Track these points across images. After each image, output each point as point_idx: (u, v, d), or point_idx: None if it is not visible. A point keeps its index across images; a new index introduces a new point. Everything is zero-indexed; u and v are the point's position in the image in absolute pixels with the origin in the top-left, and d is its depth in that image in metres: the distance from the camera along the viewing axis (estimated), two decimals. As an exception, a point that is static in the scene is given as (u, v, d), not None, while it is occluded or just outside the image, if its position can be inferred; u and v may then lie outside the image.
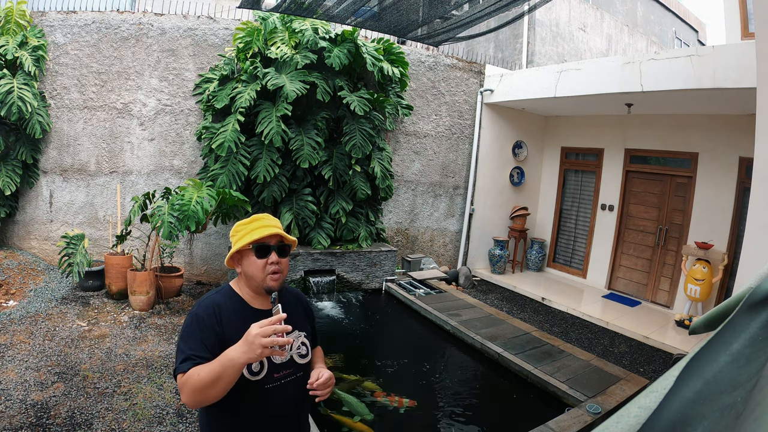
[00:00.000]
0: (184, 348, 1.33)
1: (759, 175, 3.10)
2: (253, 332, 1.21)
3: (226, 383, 1.24)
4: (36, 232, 5.60)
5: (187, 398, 1.26)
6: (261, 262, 1.43)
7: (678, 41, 14.23)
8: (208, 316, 1.38)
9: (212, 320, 1.38)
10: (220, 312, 1.41)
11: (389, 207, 6.99)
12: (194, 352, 1.30)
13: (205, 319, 1.38)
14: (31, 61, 5.06)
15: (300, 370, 1.51)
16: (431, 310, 5.21)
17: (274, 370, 1.43)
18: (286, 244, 1.49)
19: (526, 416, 3.43)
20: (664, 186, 6.41)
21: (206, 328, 1.36)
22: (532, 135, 7.98)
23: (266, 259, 1.43)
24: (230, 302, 1.46)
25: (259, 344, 1.19)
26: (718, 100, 4.91)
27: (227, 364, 1.22)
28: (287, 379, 1.47)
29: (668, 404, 0.46)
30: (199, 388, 1.23)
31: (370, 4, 4.24)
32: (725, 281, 5.43)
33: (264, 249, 1.44)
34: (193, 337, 1.35)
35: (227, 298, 1.47)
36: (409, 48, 6.88)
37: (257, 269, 1.43)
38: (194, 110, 5.84)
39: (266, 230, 1.44)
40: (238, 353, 1.21)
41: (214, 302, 1.44)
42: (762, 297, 0.49)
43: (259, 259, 1.43)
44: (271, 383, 1.43)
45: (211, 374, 1.22)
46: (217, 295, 1.48)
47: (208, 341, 1.34)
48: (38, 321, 4.25)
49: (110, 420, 2.92)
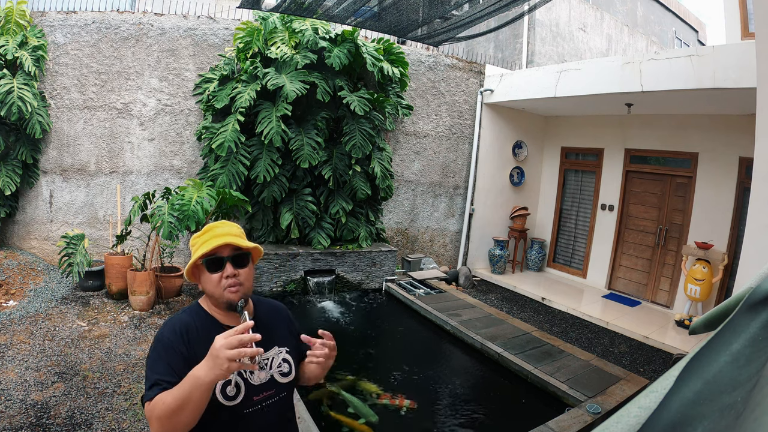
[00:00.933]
0: (151, 374, 1.21)
1: (759, 175, 3.10)
2: (217, 344, 1.08)
3: (195, 407, 1.11)
4: (36, 232, 5.60)
5: (156, 429, 1.12)
6: (215, 277, 1.30)
7: (678, 41, 14.23)
8: (174, 338, 1.27)
9: (179, 342, 1.26)
10: (187, 332, 1.29)
11: (389, 207, 6.99)
12: (161, 377, 1.18)
13: (171, 340, 1.26)
14: (31, 61, 5.06)
15: (283, 390, 1.38)
16: (431, 310, 5.21)
17: (253, 393, 1.31)
18: (243, 252, 1.34)
19: (526, 416, 3.43)
20: (664, 186, 6.41)
21: (172, 350, 1.25)
22: (532, 135, 7.98)
23: (221, 273, 1.30)
24: (198, 320, 1.34)
25: (225, 357, 1.06)
26: (718, 100, 4.91)
27: (194, 384, 1.09)
28: (268, 401, 1.34)
29: (668, 404, 0.46)
30: (166, 415, 1.10)
31: (370, 4, 4.24)
32: (725, 281, 5.43)
33: (216, 262, 1.31)
34: (158, 361, 1.23)
35: (195, 317, 1.35)
36: (409, 48, 6.88)
37: (213, 285, 1.31)
38: (194, 110, 5.84)
39: (216, 240, 1.30)
40: (204, 370, 1.09)
41: (180, 322, 1.32)
42: (762, 297, 0.49)
43: (212, 273, 1.31)
44: (251, 407, 1.30)
45: (178, 398, 1.10)
46: (184, 315, 1.36)
47: (175, 365, 1.22)
48: (38, 321, 4.25)
49: (110, 420, 2.92)
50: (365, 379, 3.70)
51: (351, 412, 3.21)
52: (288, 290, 5.62)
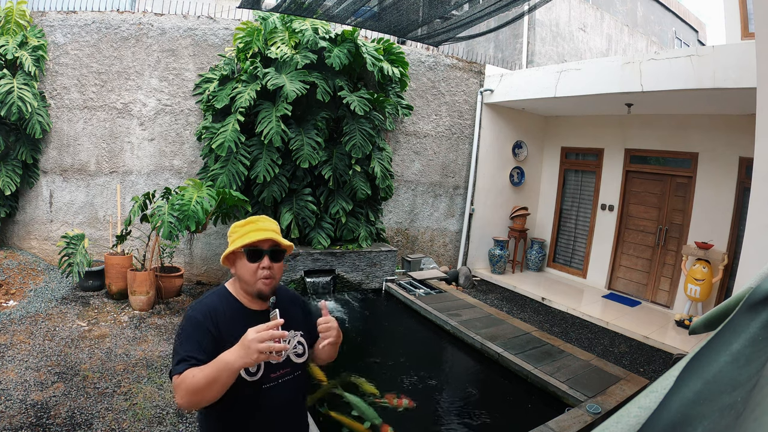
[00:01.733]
0: (180, 350, 1.33)
1: (759, 175, 3.10)
2: (249, 337, 1.21)
3: (222, 386, 1.24)
4: (36, 232, 5.60)
5: (182, 400, 1.26)
6: (253, 266, 1.43)
7: (678, 41, 14.23)
8: (204, 318, 1.38)
9: (208, 322, 1.38)
10: (216, 314, 1.40)
11: (389, 207, 6.99)
12: (190, 354, 1.30)
13: (200, 321, 1.38)
14: (31, 61, 5.06)
15: (297, 370, 1.52)
16: (431, 310, 5.21)
17: (270, 370, 1.44)
18: (280, 248, 1.47)
19: (526, 416, 3.43)
20: (664, 186, 6.41)
21: (202, 330, 1.36)
22: (532, 135, 7.98)
23: (258, 264, 1.43)
24: (226, 304, 1.46)
25: (255, 349, 1.19)
26: (718, 100, 4.91)
27: (222, 368, 1.22)
28: (284, 378, 1.47)
29: (668, 404, 0.46)
30: (194, 390, 1.23)
31: (370, 4, 4.24)
32: (725, 281, 5.43)
33: (256, 253, 1.43)
34: (189, 339, 1.35)
35: (223, 300, 1.47)
36: (409, 48, 6.88)
37: (249, 273, 1.43)
38: (194, 110, 5.84)
39: (260, 234, 1.42)
40: (234, 357, 1.21)
41: (209, 304, 1.43)
42: (762, 297, 0.49)
43: (251, 263, 1.43)
44: (269, 383, 1.43)
45: (207, 377, 1.22)
46: (213, 297, 1.48)
47: (204, 343, 1.33)
48: (38, 321, 4.25)
49: (110, 420, 2.92)
50: (364, 379, 3.70)
51: (355, 415, 3.20)
52: (288, 290, 5.62)
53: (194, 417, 3.03)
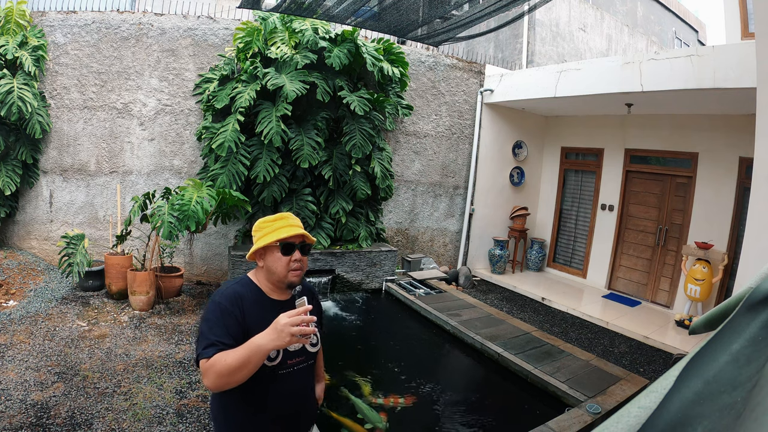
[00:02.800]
0: (209, 335, 1.39)
1: (759, 175, 3.10)
2: (282, 321, 1.29)
3: (252, 368, 1.32)
4: (36, 232, 5.60)
5: (212, 382, 1.33)
6: (286, 259, 1.53)
7: (678, 41, 14.23)
8: (231, 305, 1.46)
9: (235, 309, 1.46)
10: (242, 301, 1.49)
11: (389, 207, 6.99)
12: (219, 339, 1.38)
13: (228, 307, 1.45)
14: (31, 61, 5.06)
15: (311, 358, 1.63)
16: (431, 310, 5.21)
17: (288, 357, 1.53)
18: (308, 243, 1.60)
19: (526, 416, 3.43)
20: (664, 186, 6.41)
21: (229, 316, 1.44)
22: (532, 135, 7.98)
23: (290, 257, 1.53)
24: (250, 292, 1.55)
25: (288, 332, 1.27)
26: (718, 100, 4.91)
27: (255, 350, 1.30)
28: (299, 366, 1.57)
29: (668, 404, 0.46)
30: (226, 373, 1.30)
31: (370, 4, 4.24)
32: (725, 281, 5.43)
33: (290, 247, 1.54)
34: (217, 324, 1.42)
35: (247, 289, 1.56)
36: (409, 48, 6.88)
37: (281, 266, 1.53)
38: (194, 110, 5.84)
39: (292, 230, 1.54)
40: (267, 340, 1.29)
41: (235, 292, 1.52)
42: (762, 297, 0.49)
43: (285, 256, 1.53)
44: (285, 369, 1.52)
45: (239, 359, 1.30)
46: (238, 286, 1.56)
47: (231, 329, 1.41)
48: (38, 321, 4.25)
49: (110, 420, 2.92)
50: (362, 378, 3.69)
51: (359, 417, 3.19)
52: (288, 290, 5.62)
53: (194, 417, 3.03)
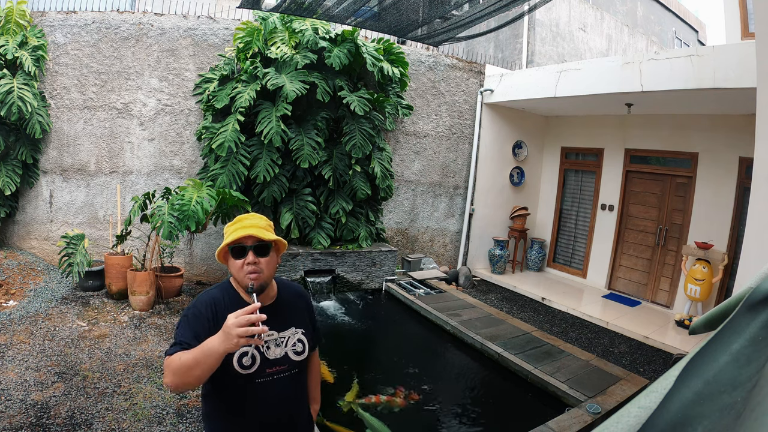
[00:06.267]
0: (178, 336, 1.43)
1: (759, 175, 3.10)
2: (228, 322, 1.26)
3: (206, 368, 1.29)
4: (36, 232, 5.60)
5: (169, 379, 1.34)
6: (238, 263, 1.49)
7: (678, 41, 14.23)
8: (204, 309, 1.47)
9: (207, 313, 1.46)
10: (215, 306, 1.48)
11: (389, 207, 6.99)
12: (184, 339, 1.39)
13: (200, 311, 1.47)
14: (31, 61, 5.06)
15: (295, 367, 1.55)
16: (431, 310, 5.21)
17: (266, 365, 1.48)
18: (264, 243, 1.51)
19: (526, 416, 3.43)
20: (664, 186, 6.41)
21: (200, 319, 1.45)
22: (532, 135, 7.97)
23: (243, 260, 1.48)
24: (227, 297, 1.53)
25: (235, 334, 1.23)
26: (718, 100, 4.91)
27: (206, 352, 1.28)
28: (280, 375, 1.51)
29: (668, 404, 0.46)
30: (179, 372, 1.31)
31: (370, 4, 4.24)
32: (725, 281, 5.43)
33: (240, 250, 1.49)
34: (186, 326, 1.44)
35: (225, 293, 1.54)
36: (409, 48, 6.88)
37: (236, 269, 1.50)
38: (194, 110, 5.84)
39: (242, 231, 1.48)
40: (217, 342, 1.27)
41: (211, 297, 1.52)
42: (762, 297, 0.49)
43: (236, 259, 1.49)
44: (263, 378, 1.48)
45: (191, 359, 1.30)
46: (216, 290, 1.56)
47: (199, 331, 1.41)
48: (38, 321, 4.25)
49: (110, 420, 2.92)
50: (355, 381, 3.66)
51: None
52: (288, 290, 5.61)
53: (194, 417, 3.03)
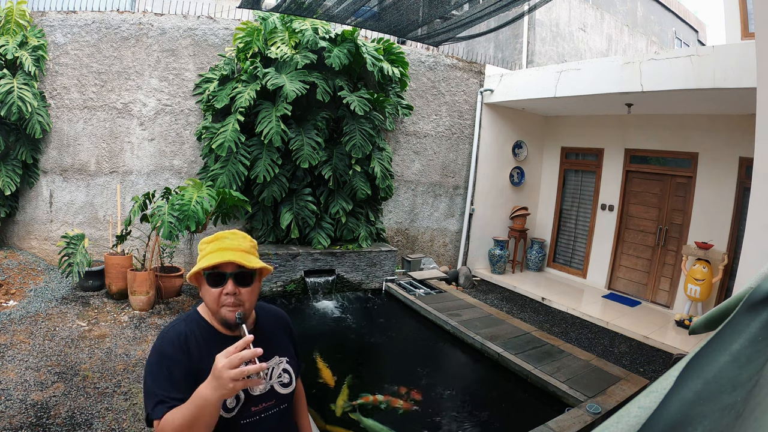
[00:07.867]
0: (155, 389, 1.18)
1: (759, 175, 3.10)
2: (219, 365, 1.06)
3: (205, 423, 1.10)
4: (36, 232, 5.60)
5: None
6: (215, 292, 1.24)
7: (678, 41, 14.23)
8: (174, 351, 1.23)
9: (178, 354, 1.23)
10: (187, 342, 1.25)
11: (389, 207, 6.99)
12: (166, 394, 1.16)
13: (171, 354, 1.23)
14: (31, 61, 5.06)
15: (283, 402, 1.35)
16: (431, 310, 5.21)
17: (251, 404, 1.27)
18: (247, 271, 1.26)
19: (526, 416, 3.43)
20: (664, 186, 6.41)
21: (174, 364, 1.21)
22: (532, 135, 7.98)
23: (221, 289, 1.24)
24: (197, 329, 1.29)
25: (229, 377, 1.04)
26: (718, 100, 4.91)
27: (201, 405, 1.08)
28: (268, 412, 1.30)
29: (668, 404, 0.46)
30: None
31: (370, 4, 4.24)
32: (725, 281, 5.43)
33: (218, 277, 1.24)
34: (161, 375, 1.19)
35: (193, 325, 1.30)
36: (409, 48, 6.88)
37: (211, 299, 1.25)
38: (194, 110, 5.84)
39: (222, 255, 1.22)
40: (210, 390, 1.07)
41: (179, 333, 1.27)
42: (762, 297, 0.49)
43: (213, 288, 1.24)
44: (248, 418, 1.26)
45: (187, 417, 1.09)
46: (181, 324, 1.31)
47: (179, 380, 1.19)
48: (38, 321, 4.25)
49: (110, 420, 2.92)
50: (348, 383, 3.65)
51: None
52: (288, 290, 5.62)
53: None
